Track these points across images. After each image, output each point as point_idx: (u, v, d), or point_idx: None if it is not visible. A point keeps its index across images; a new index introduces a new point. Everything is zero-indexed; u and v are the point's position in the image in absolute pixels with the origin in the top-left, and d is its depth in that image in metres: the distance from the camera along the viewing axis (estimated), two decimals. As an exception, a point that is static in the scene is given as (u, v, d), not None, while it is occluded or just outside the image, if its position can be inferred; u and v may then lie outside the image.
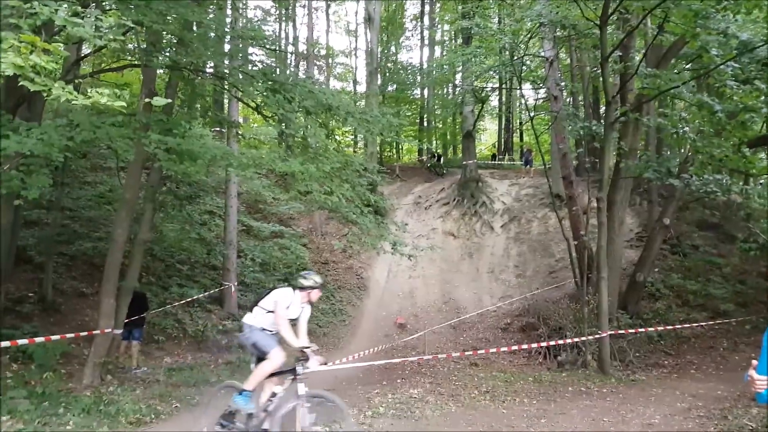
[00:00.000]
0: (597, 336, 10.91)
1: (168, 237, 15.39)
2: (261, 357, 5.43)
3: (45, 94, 4.09)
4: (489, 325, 15.71)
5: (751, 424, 6.82)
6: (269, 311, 5.42)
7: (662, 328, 12.17)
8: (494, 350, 11.95)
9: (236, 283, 14.86)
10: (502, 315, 16.08)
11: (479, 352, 11.75)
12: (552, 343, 11.45)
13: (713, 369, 11.46)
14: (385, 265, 19.23)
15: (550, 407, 8.31)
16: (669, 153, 17.30)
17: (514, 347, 11.99)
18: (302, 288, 5.45)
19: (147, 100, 4.67)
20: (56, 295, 11.50)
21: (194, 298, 13.37)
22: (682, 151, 15.20)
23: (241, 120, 18.69)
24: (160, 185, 10.94)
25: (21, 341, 7.86)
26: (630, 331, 11.51)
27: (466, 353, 12.11)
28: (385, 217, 19.54)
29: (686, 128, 11.69)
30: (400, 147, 36.05)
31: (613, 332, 11.10)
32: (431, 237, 20.66)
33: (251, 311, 5.59)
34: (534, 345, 11.87)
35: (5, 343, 7.38)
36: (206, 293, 13.96)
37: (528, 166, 26.99)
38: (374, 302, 17.65)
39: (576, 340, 11.17)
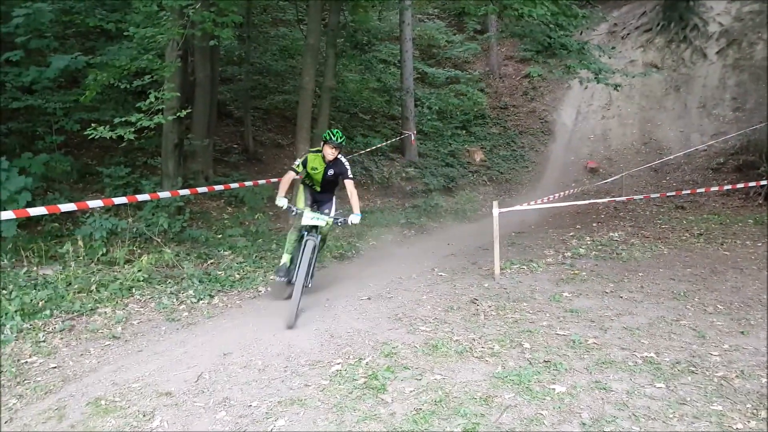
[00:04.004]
0: None
1: (349, 87, 15.57)
2: None
3: None
4: (697, 166, 13.81)
5: None
6: None
7: None
8: (702, 190, 10.50)
9: (415, 132, 14.74)
10: (713, 154, 13.98)
11: (683, 192, 10.38)
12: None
13: None
14: (573, 107, 17.58)
15: (785, 250, 7.09)
16: None
17: (728, 187, 10.37)
18: None
19: None
20: (256, 146, 12.39)
21: (377, 146, 13.59)
22: None
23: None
24: (338, 30, 10.69)
25: (233, 185, 8.60)
26: None
27: (668, 194, 10.80)
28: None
29: None
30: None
31: None
32: (630, 71, 18.12)
33: None
34: (752, 184, 10.15)
35: (219, 187, 8.12)
36: (388, 142, 14.11)
37: (756, -25, 21.78)
38: (561, 147, 16.45)
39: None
